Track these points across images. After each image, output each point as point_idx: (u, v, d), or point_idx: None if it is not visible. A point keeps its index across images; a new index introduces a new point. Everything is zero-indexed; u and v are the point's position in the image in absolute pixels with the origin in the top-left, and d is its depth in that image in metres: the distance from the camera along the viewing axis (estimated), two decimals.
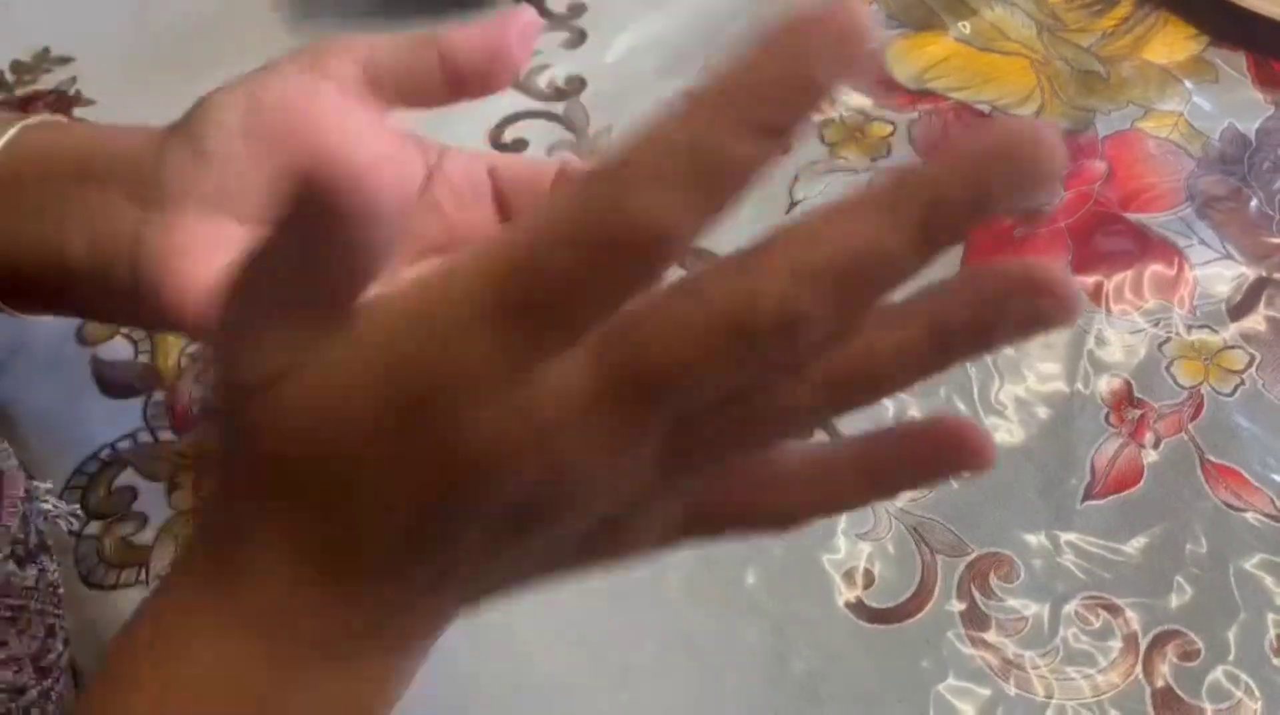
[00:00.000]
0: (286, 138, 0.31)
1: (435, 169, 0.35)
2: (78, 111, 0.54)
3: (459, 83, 0.32)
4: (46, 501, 0.37)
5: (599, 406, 0.21)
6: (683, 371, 0.20)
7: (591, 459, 0.21)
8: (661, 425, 0.22)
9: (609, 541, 0.25)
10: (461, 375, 0.21)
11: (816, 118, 0.54)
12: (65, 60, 0.56)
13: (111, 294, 0.33)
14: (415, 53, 0.32)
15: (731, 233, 0.50)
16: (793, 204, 0.50)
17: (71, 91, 0.54)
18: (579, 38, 0.57)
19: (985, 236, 0.49)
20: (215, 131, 0.32)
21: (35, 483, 0.36)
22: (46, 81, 0.55)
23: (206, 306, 0.29)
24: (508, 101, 0.54)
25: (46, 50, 0.56)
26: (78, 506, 0.40)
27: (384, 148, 0.31)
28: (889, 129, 0.53)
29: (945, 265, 0.20)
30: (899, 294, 0.21)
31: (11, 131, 0.34)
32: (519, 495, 0.22)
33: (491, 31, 0.32)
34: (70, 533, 0.40)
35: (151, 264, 0.32)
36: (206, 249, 0.32)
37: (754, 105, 0.19)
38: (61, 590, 0.36)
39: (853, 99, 0.54)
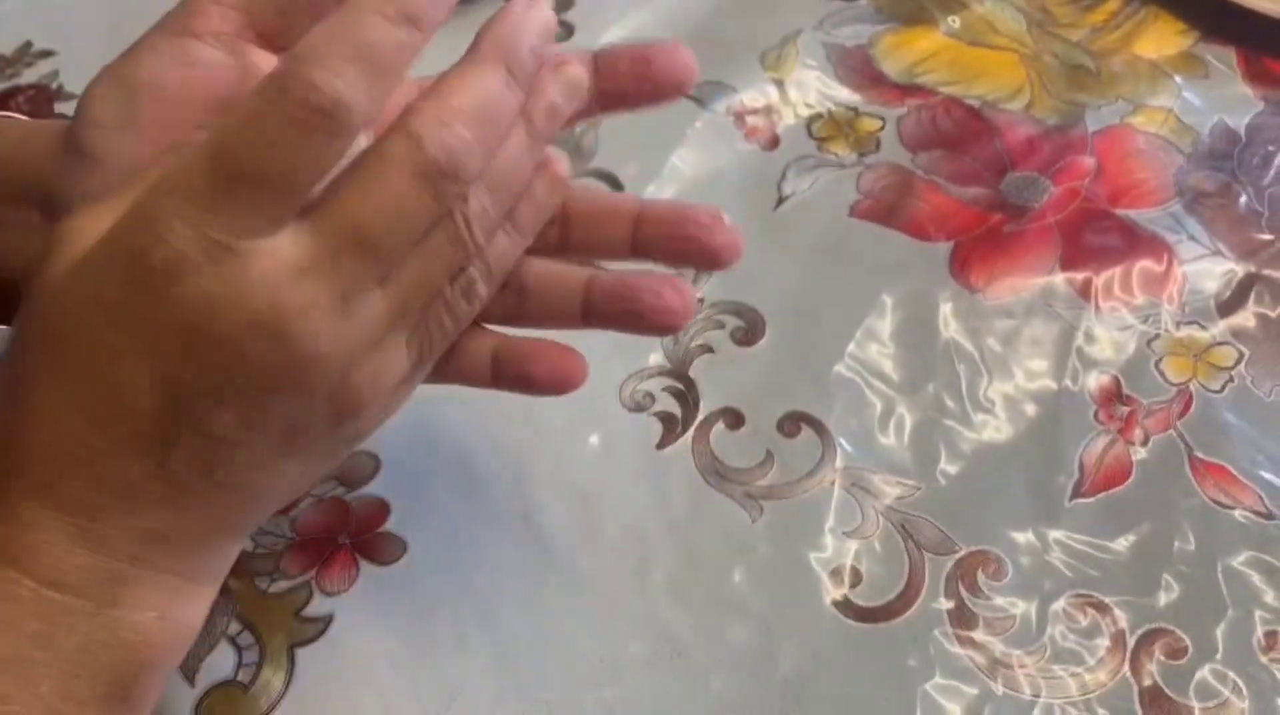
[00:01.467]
0: (164, 125, 0.30)
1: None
2: (60, 106, 0.54)
3: None
4: None
5: (317, 266, 0.25)
6: (384, 217, 0.25)
7: (317, 318, 0.25)
8: (378, 273, 0.26)
9: (351, 401, 0.27)
10: (173, 256, 0.24)
11: (806, 113, 0.54)
12: (47, 54, 0.55)
13: None
14: None
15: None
16: (781, 199, 0.50)
17: (54, 85, 0.54)
18: (567, 33, 0.57)
19: (974, 233, 0.48)
20: (92, 132, 0.30)
21: None
22: (29, 76, 0.54)
23: None
24: None
25: (29, 44, 0.56)
26: None
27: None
28: (878, 124, 0.53)
29: (936, 263, 0.19)
30: None
31: None
32: (255, 365, 0.25)
33: None
34: None
35: None
36: None
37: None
38: None
39: (841, 94, 0.54)
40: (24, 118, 0.38)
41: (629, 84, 0.33)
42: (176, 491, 0.26)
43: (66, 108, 0.53)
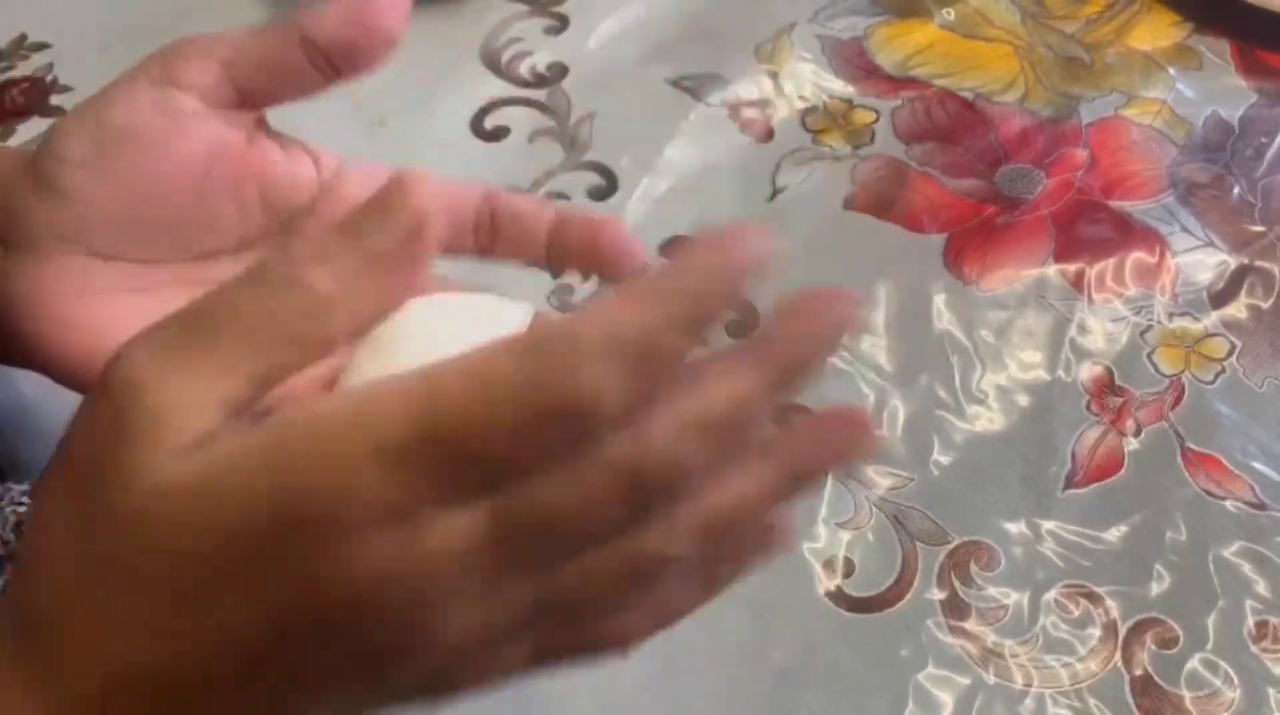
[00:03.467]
0: (136, 169, 0.29)
1: (334, 182, 0.32)
2: (55, 98, 0.54)
3: (328, 66, 0.30)
4: (22, 503, 0.37)
5: (484, 553, 0.21)
6: (574, 519, 0.21)
7: (466, 604, 0.22)
8: (546, 569, 0.22)
9: (455, 677, 0.24)
10: (349, 506, 0.21)
11: (800, 105, 0.54)
12: (42, 46, 0.55)
13: None
14: (279, 42, 0.30)
15: (722, 221, 0.49)
16: (776, 191, 0.50)
17: (49, 78, 0.54)
18: (561, 24, 0.57)
19: (968, 225, 0.49)
20: (60, 168, 0.29)
21: (9, 486, 0.36)
22: (24, 68, 0.54)
23: (75, 351, 0.29)
24: (489, 88, 0.53)
25: (24, 37, 0.56)
26: None
27: (255, 160, 0.30)
28: (872, 116, 0.53)
29: (930, 255, 0.20)
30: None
31: None
32: (383, 636, 0.22)
33: (352, 6, 0.30)
34: None
35: (15, 304, 0.30)
36: (69, 287, 0.30)
37: (688, 307, 0.21)
38: None
39: (836, 86, 0.54)
40: None
41: (576, 253, 0.31)
42: None
43: (62, 99, 0.53)
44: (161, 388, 0.22)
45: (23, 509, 0.37)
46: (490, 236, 0.32)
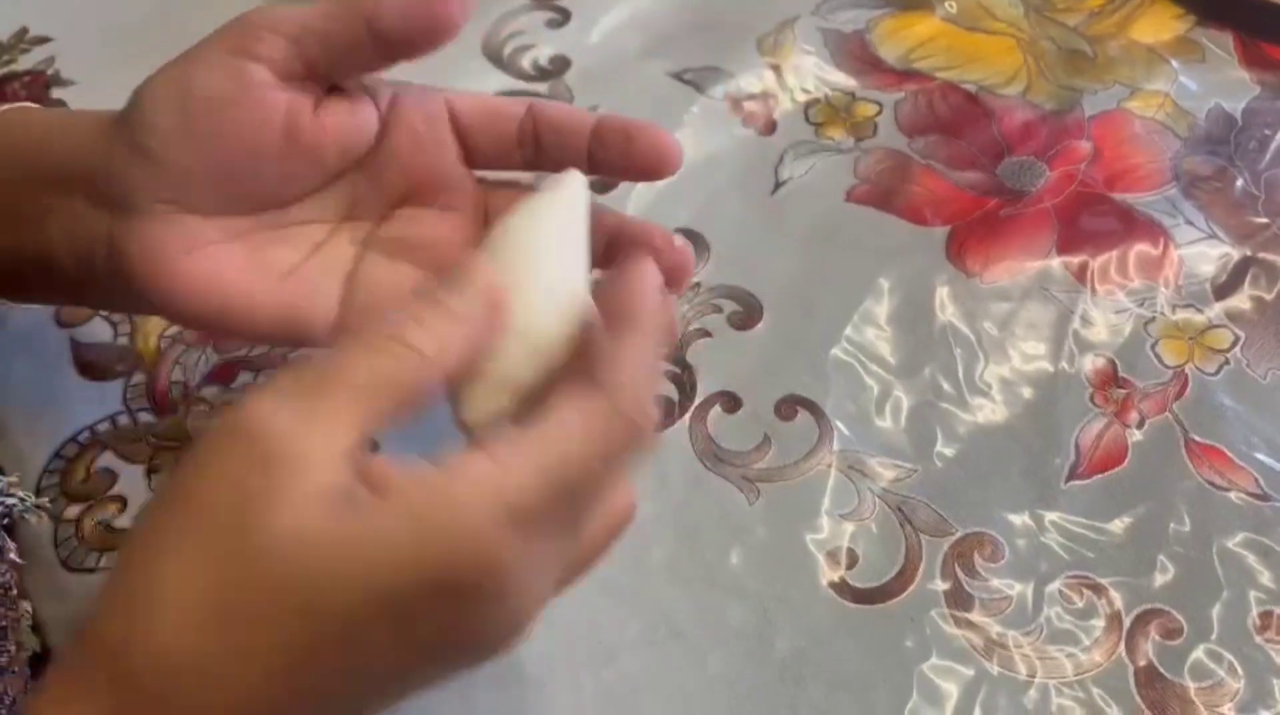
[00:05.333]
0: (221, 136, 0.31)
1: (390, 114, 0.34)
2: (57, 92, 0.53)
3: (390, 45, 0.31)
4: (12, 496, 0.37)
5: (568, 556, 0.28)
6: (619, 521, 0.31)
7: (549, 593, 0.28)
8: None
9: (519, 640, 0.28)
10: (493, 575, 0.25)
11: (803, 98, 0.54)
12: (44, 40, 0.55)
13: (95, 288, 0.34)
14: (344, 22, 0.31)
15: (723, 215, 0.50)
16: (778, 184, 0.50)
17: (50, 71, 0.54)
18: (563, 18, 0.57)
19: (971, 218, 0.49)
20: (150, 135, 0.31)
21: (0, 477, 0.36)
22: (25, 61, 0.54)
23: (189, 298, 0.32)
24: (491, 82, 0.53)
25: (24, 30, 0.56)
26: (45, 499, 0.39)
27: (325, 123, 0.32)
28: (875, 109, 0.53)
29: (933, 248, 0.20)
30: None
31: None
32: (499, 649, 0.27)
33: None
34: (51, 517, 0.40)
35: (131, 264, 0.32)
36: (177, 245, 0.32)
37: (662, 341, 0.28)
38: (14, 591, 0.36)
39: (838, 79, 0.54)
40: (36, 105, 0.38)
41: (616, 158, 0.35)
42: None
43: (64, 93, 0.53)
44: (294, 440, 0.24)
45: (11, 501, 0.37)
46: (535, 148, 0.35)
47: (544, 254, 0.31)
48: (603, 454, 0.26)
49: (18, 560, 0.36)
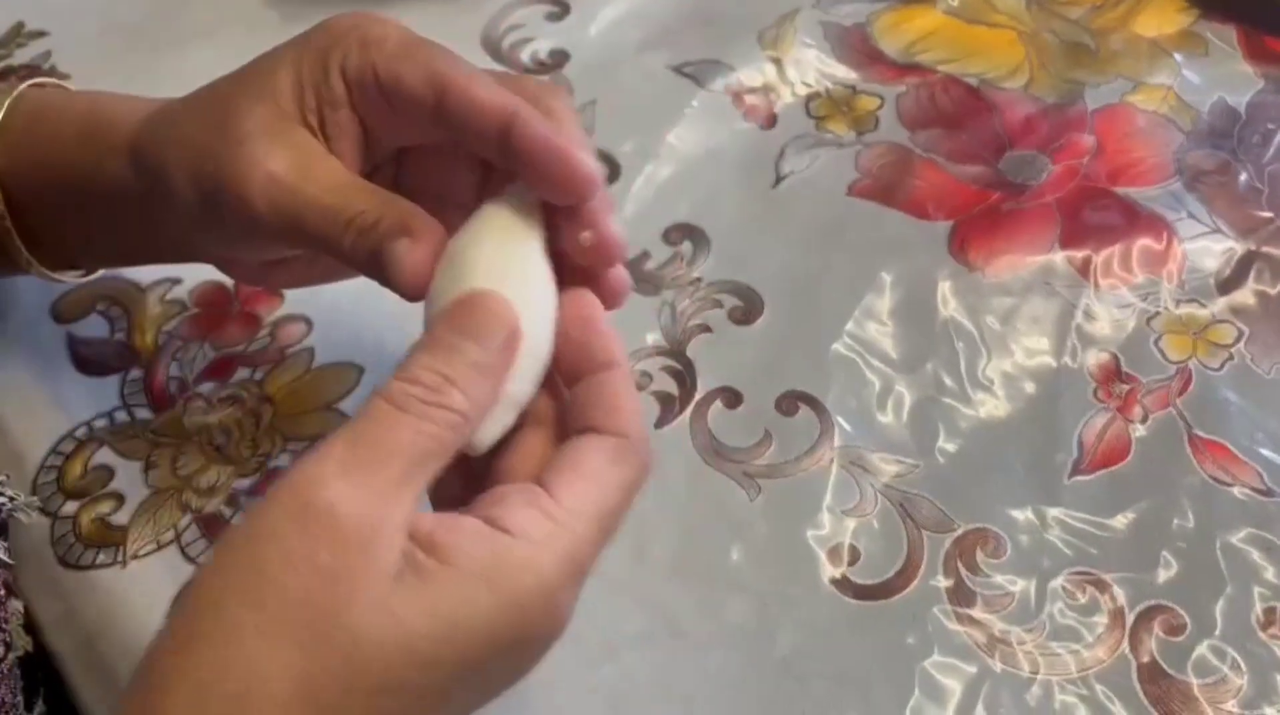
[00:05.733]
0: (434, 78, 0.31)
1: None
2: None
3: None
4: (2, 494, 0.36)
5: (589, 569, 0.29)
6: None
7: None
8: None
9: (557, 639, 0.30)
10: (555, 627, 0.28)
11: (804, 91, 0.53)
12: (39, 35, 0.55)
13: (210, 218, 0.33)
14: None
15: (723, 210, 0.50)
16: (779, 178, 0.50)
17: (46, 66, 0.54)
18: (562, 10, 0.56)
19: (973, 212, 0.48)
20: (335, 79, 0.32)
21: None
22: (20, 56, 0.54)
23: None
24: None
25: (20, 25, 0.55)
26: (35, 498, 0.39)
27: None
28: (877, 102, 0.53)
29: (935, 242, 0.19)
30: None
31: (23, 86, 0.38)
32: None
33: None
34: (45, 514, 0.40)
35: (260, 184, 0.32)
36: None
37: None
38: (2, 591, 0.36)
39: (840, 72, 0.54)
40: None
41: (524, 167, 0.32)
42: None
43: None
44: (363, 518, 0.25)
45: (2, 499, 0.36)
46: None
47: (523, 265, 0.30)
48: (629, 499, 0.29)
49: (6, 560, 0.36)
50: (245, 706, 0.23)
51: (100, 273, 0.43)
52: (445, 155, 0.34)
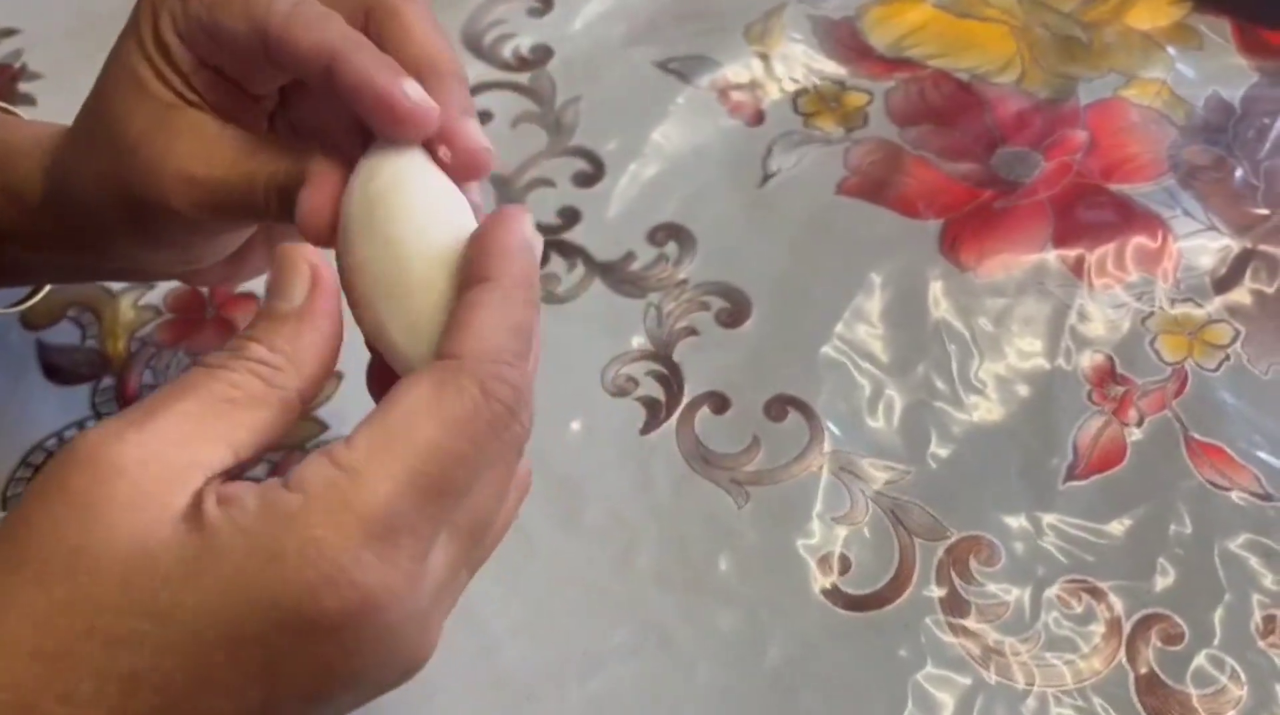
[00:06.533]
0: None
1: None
2: (24, 85, 0.52)
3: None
4: None
5: (456, 565, 0.26)
6: (492, 495, 0.27)
7: (447, 599, 0.27)
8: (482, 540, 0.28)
9: (426, 656, 0.27)
10: (357, 611, 0.23)
11: (791, 87, 0.52)
12: (10, 33, 0.54)
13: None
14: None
15: (710, 209, 0.48)
16: (767, 176, 0.49)
17: (17, 65, 0.52)
18: (545, 6, 0.55)
19: (964, 210, 0.47)
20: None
21: None
22: None
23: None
24: (471, 72, 0.52)
25: None
26: (5, 513, 0.38)
27: None
28: (865, 98, 0.52)
29: (926, 241, 0.18)
30: None
31: None
32: (393, 672, 0.26)
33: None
34: None
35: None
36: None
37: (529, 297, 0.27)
38: None
39: (828, 67, 0.53)
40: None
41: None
42: None
43: (31, 87, 0.52)
44: (126, 451, 0.23)
45: None
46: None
47: (419, 194, 0.28)
48: (470, 435, 0.24)
49: None
50: None
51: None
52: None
